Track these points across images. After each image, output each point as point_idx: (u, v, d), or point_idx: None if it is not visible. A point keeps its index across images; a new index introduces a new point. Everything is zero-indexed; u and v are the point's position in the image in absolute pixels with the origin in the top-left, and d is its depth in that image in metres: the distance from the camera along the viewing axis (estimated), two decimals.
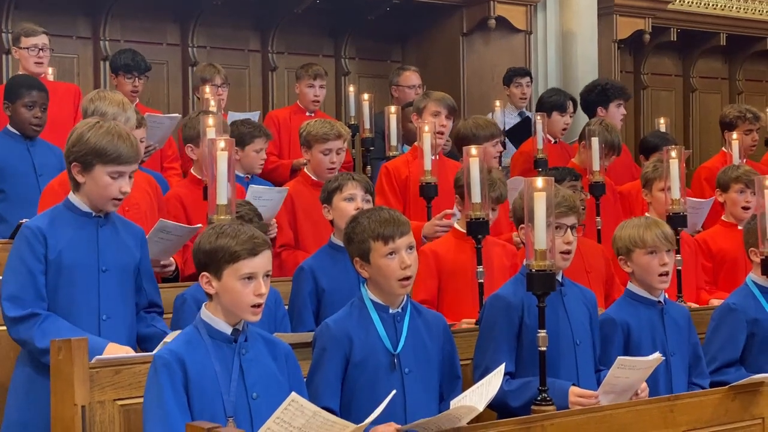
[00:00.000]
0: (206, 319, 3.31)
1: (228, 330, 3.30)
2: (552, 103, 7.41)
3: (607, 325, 4.20)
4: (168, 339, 3.58)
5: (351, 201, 4.59)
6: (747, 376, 4.16)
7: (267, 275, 3.31)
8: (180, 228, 4.70)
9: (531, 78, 8.44)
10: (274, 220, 5.36)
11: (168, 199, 5.37)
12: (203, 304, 3.35)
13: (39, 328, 3.65)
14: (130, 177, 3.85)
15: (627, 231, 4.30)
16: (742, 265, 5.46)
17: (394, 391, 3.30)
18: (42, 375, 3.64)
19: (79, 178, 3.82)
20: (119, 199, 3.84)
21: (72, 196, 3.86)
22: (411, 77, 7.87)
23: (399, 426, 3.44)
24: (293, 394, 3.04)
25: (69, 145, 3.85)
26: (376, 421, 3.43)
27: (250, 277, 3.27)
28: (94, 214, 3.84)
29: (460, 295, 4.83)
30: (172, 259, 4.87)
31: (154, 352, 3.61)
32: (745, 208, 5.68)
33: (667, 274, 4.24)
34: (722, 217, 5.88)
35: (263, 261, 3.30)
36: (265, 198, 5.23)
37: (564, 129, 7.43)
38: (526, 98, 8.29)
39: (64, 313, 3.74)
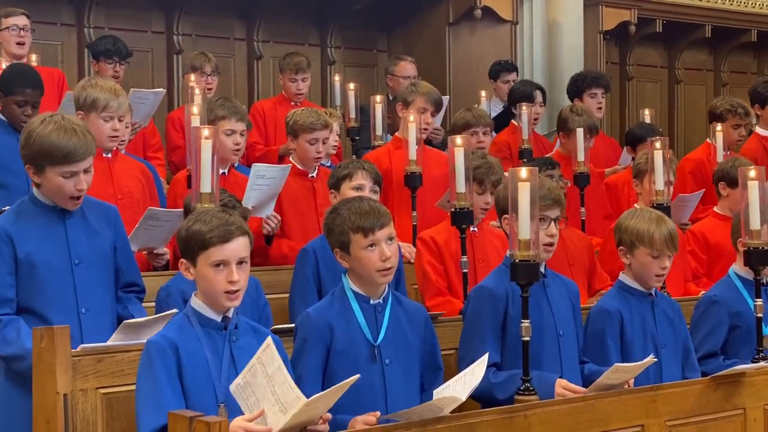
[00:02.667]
0: (196, 307, 3.31)
1: (218, 318, 3.30)
2: (520, 93, 7.47)
3: (601, 316, 4.19)
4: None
5: (359, 191, 4.58)
6: (724, 364, 4.18)
7: (242, 262, 3.30)
8: (170, 213, 4.67)
9: (517, 73, 8.46)
10: (277, 215, 5.28)
11: (177, 181, 5.39)
12: (193, 293, 3.34)
13: None
14: (86, 172, 3.76)
15: (636, 224, 4.22)
16: None
17: (357, 376, 3.27)
18: (15, 385, 3.62)
19: (35, 179, 3.79)
20: (78, 197, 3.78)
21: (35, 190, 3.82)
22: (407, 68, 7.86)
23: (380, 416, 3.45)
24: (269, 338, 3.06)
25: (21, 145, 3.80)
26: (359, 412, 3.45)
27: (222, 264, 3.26)
28: (59, 207, 3.80)
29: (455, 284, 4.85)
30: (165, 248, 4.82)
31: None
32: None
33: (663, 275, 4.24)
34: (715, 209, 5.85)
35: (235, 248, 3.27)
36: (268, 176, 5.16)
37: (535, 119, 7.45)
38: None
39: (41, 310, 3.71)
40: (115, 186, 4.71)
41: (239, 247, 3.29)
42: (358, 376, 3.27)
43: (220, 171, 5.32)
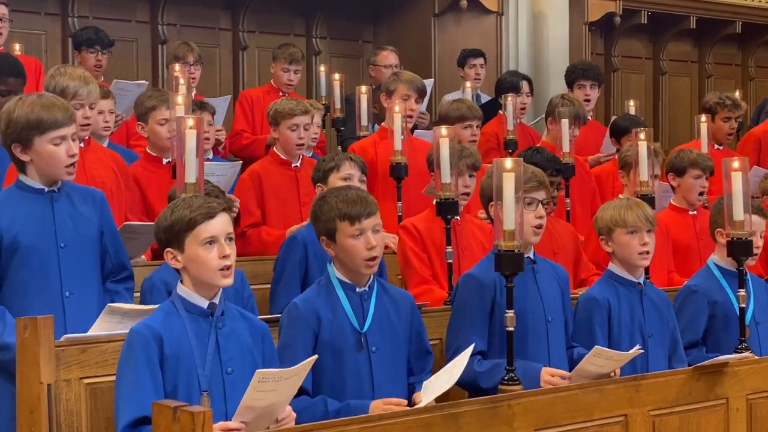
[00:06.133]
0: (183, 294, 3.29)
1: (204, 304, 3.29)
2: (507, 84, 7.49)
3: (589, 304, 4.22)
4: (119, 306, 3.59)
5: (347, 181, 4.58)
6: (707, 357, 4.20)
7: (229, 239, 3.30)
8: (147, 226, 4.66)
9: (485, 59, 8.47)
10: (232, 196, 5.31)
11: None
12: (179, 281, 3.33)
13: None
14: (73, 139, 3.78)
15: (609, 212, 4.33)
16: (696, 251, 5.50)
17: (315, 357, 3.26)
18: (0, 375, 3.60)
19: (24, 158, 3.78)
20: (72, 165, 3.78)
21: (22, 176, 3.82)
22: (388, 57, 7.87)
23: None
24: (257, 374, 3.04)
25: (2, 129, 3.79)
26: (345, 400, 3.46)
27: (212, 241, 3.26)
28: (47, 189, 3.80)
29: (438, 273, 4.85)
30: (143, 257, 4.82)
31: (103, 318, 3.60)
32: (701, 194, 5.72)
33: (647, 252, 4.27)
34: (672, 201, 5.86)
35: (221, 223, 3.28)
36: (218, 174, 5.20)
37: (522, 110, 7.46)
38: (480, 79, 8.34)
39: (24, 294, 3.70)
40: (88, 176, 4.70)
41: (224, 222, 3.30)
42: (315, 357, 3.24)
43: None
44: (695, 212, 5.74)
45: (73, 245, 3.80)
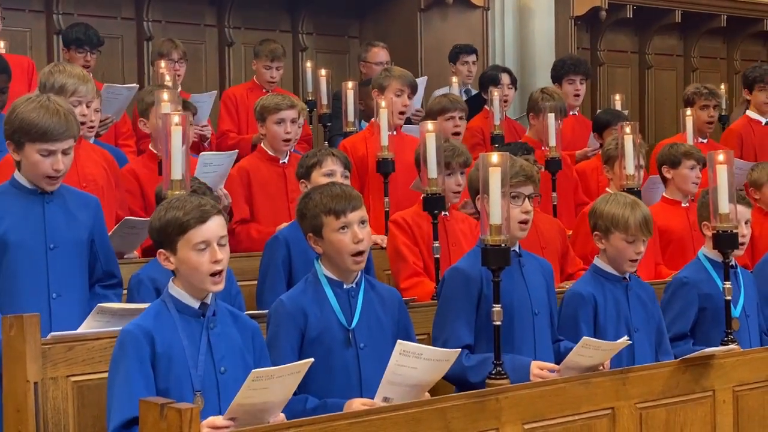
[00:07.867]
0: (174, 294, 3.29)
1: (196, 304, 3.28)
2: (487, 78, 7.55)
3: (575, 299, 4.21)
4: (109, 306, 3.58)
5: (330, 177, 4.58)
6: (693, 350, 4.22)
7: (222, 243, 3.29)
8: (146, 222, 4.66)
9: (477, 55, 8.49)
10: (225, 190, 5.30)
11: (123, 174, 5.32)
12: (171, 279, 3.33)
13: None
14: (66, 153, 3.77)
15: (611, 209, 4.23)
16: (690, 242, 5.52)
17: (312, 359, 3.25)
18: None
19: (15, 156, 3.80)
20: (54, 177, 3.77)
21: (17, 173, 3.83)
22: (379, 54, 7.87)
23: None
24: (252, 373, 3.03)
25: (4, 122, 3.81)
26: (333, 396, 3.46)
27: (204, 246, 3.25)
28: (39, 190, 3.80)
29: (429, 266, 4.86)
30: (135, 253, 4.82)
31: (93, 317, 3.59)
32: (695, 184, 5.75)
33: (638, 260, 4.27)
34: (664, 194, 5.89)
35: (214, 227, 3.27)
36: (215, 164, 5.20)
37: (504, 102, 7.46)
38: (472, 75, 8.36)
39: (10, 292, 3.70)
40: (80, 173, 4.70)
41: (217, 225, 3.28)
42: (311, 360, 3.23)
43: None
44: (687, 204, 5.76)
45: (63, 246, 3.80)
